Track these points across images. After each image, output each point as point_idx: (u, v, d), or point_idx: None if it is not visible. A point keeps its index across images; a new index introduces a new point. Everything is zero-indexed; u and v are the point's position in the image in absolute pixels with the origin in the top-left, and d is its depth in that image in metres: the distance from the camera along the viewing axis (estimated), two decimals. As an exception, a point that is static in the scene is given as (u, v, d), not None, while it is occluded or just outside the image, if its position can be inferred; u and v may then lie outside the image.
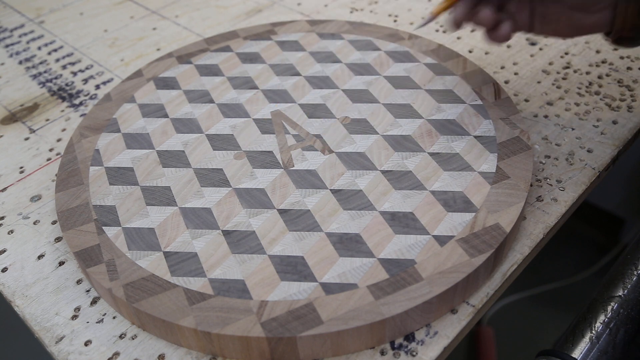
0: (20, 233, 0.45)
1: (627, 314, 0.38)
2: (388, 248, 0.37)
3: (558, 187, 0.44)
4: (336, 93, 0.51)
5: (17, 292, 0.40)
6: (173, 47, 0.65)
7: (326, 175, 0.43)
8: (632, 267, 0.41)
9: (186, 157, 0.45)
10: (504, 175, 0.41)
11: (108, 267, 0.38)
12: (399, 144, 0.45)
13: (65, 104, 0.58)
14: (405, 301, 0.34)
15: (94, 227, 0.40)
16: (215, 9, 0.72)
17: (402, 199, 0.40)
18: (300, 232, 0.39)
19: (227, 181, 0.43)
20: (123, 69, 0.62)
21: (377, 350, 0.35)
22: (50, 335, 0.37)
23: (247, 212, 0.40)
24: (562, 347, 0.38)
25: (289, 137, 0.47)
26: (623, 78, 0.54)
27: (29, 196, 0.48)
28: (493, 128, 0.45)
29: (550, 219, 0.42)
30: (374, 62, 0.54)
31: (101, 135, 0.49)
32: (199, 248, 0.38)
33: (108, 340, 0.37)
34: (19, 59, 0.66)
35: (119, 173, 0.45)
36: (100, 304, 0.39)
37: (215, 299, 0.35)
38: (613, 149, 0.47)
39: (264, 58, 0.56)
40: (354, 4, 0.69)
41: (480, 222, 0.38)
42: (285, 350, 0.34)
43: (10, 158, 0.52)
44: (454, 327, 0.36)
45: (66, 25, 0.71)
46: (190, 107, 0.51)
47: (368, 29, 0.59)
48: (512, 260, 0.39)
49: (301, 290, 0.35)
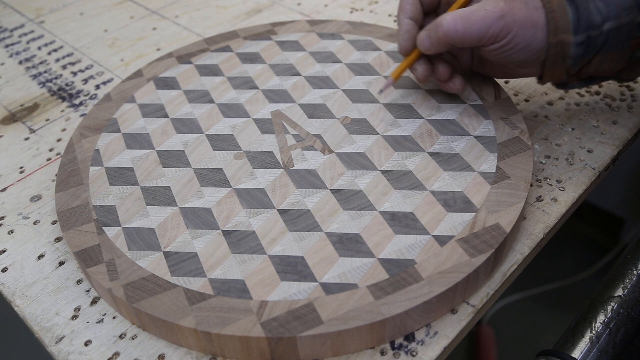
0: (20, 233, 0.45)
1: (627, 314, 0.38)
2: (388, 248, 0.37)
3: (558, 187, 0.44)
4: (336, 93, 0.51)
5: (17, 292, 0.40)
6: (173, 47, 0.65)
7: (326, 175, 0.43)
8: (632, 267, 0.41)
9: (186, 157, 0.45)
10: (504, 175, 0.41)
11: (108, 267, 0.38)
12: (399, 144, 0.45)
13: (65, 104, 0.58)
14: (405, 301, 0.34)
15: (94, 227, 0.41)
16: (215, 9, 0.72)
17: (402, 199, 0.40)
18: (300, 232, 0.39)
19: (227, 181, 0.43)
20: (123, 69, 0.62)
21: (377, 350, 0.35)
22: (50, 335, 0.37)
23: (247, 212, 0.40)
24: (562, 347, 0.38)
25: (289, 137, 0.47)
26: (623, 78, 0.54)
27: (29, 196, 0.48)
28: (493, 128, 0.45)
29: (550, 219, 0.42)
30: (374, 62, 0.54)
31: (101, 135, 0.49)
32: (199, 248, 0.38)
33: (108, 340, 0.37)
34: (19, 59, 0.66)
35: (119, 173, 0.45)
36: (100, 304, 0.39)
37: (215, 299, 0.35)
38: (613, 149, 0.47)
39: (264, 58, 0.56)
40: (354, 4, 0.69)
41: (480, 222, 0.38)
42: (285, 350, 0.34)
43: (10, 158, 0.52)
44: (454, 327, 0.36)
45: (66, 25, 0.71)
46: (190, 107, 0.51)
47: (368, 29, 0.59)
48: (512, 260, 0.39)
49: (301, 290, 0.35)
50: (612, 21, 0.40)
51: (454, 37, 0.41)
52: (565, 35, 0.41)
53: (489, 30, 0.41)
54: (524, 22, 0.41)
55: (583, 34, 0.41)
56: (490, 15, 0.40)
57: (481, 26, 0.40)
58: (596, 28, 0.40)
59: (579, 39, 0.41)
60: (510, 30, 0.41)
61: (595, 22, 0.40)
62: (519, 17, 0.40)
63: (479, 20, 0.40)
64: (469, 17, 0.41)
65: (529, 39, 0.41)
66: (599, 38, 0.41)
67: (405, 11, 0.45)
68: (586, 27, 0.40)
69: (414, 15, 0.45)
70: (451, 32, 0.41)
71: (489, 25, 0.40)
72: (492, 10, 0.40)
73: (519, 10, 0.41)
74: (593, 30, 0.41)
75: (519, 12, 0.41)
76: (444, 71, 0.45)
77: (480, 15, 0.41)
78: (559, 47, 0.41)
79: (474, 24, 0.41)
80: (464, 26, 0.41)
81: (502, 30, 0.41)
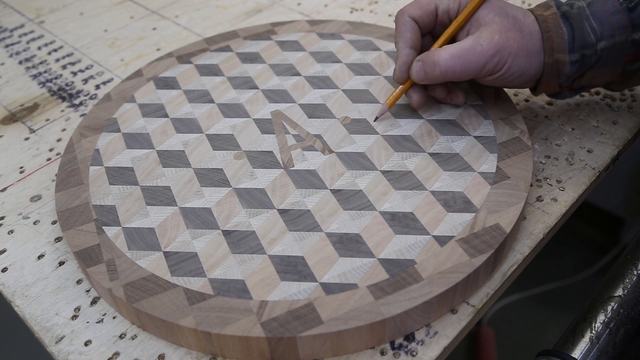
0: (20, 233, 0.45)
1: (627, 314, 0.38)
2: (388, 248, 0.37)
3: (558, 187, 0.44)
4: (336, 93, 0.51)
5: (17, 292, 0.40)
6: (173, 47, 0.65)
7: (326, 175, 0.43)
8: (632, 267, 0.41)
9: (186, 157, 0.45)
10: (504, 175, 0.41)
11: (108, 267, 0.38)
12: (399, 144, 0.45)
13: (65, 104, 0.58)
14: (405, 301, 0.34)
15: (94, 227, 0.41)
16: (215, 9, 0.72)
17: (402, 199, 0.40)
18: (300, 232, 0.39)
19: (227, 181, 0.43)
20: (123, 69, 0.62)
21: (377, 350, 0.35)
22: (50, 335, 0.37)
23: (247, 212, 0.40)
24: (562, 347, 0.38)
25: (289, 137, 0.47)
26: (623, 78, 0.54)
27: (29, 196, 0.48)
28: (493, 128, 0.45)
29: (550, 219, 0.42)
30: (374, 62, 0.54)
31: (101, 135, 0.49)
32: (199, 248, 0.38)
33: (108, 340, 0.37)
34: (19, 59, 0.66)
35: (119, 173, 0.45)
36: (100, 304, 0.39)
37: (215, 299, 0.35)
38: (613, 149, 0.47)
39: (264, 58, 0.56)
40: (354, 4, 0.69)
41: (480, 222, 0.38)
42: (285, 350, 0.34)
43: (10, 158, 0.52)
44: (454, 327, 0.36)
45: (66, 25, 0.71)
46: (190, 107, 0.51)
47: (368, 29, 0.59)
48: (512, 260, 0.39)
49: (301, 290, 0.35)
50: (606, 40, 0.41)
51: (452, 76, 0.42)
52: (561, 55, 0.41)
53: (485, 66, 0.41)
54: (519, 52, 0.41)
55: (578, 53, 0.41)
56: (486, 52, 0.41)
57: (477, 63, 0.41)
58: (591, 47, 0.41)
59: (573, 58, 0.41)
60: (505, 62, 0.41)
61: (589, 41, 0.41)
62: (514, 48, 0.41)
63: (475, 57, 0.41)
64: (466, 56, 0.41)
65: (524, 68, 0.42)
66: (593, 56, 0.42)
67: (406, 39, 0.45)
68: (581, 46, 0.41)
69: (414, 44, 0.45)
70: (449, 72, 0.42)
71: (485, 62, 0.41)
72: (487, 47, 0.41)
73: (514, 40, 0.41)
74: (587, 49, 0.41)
75: (513, 42, 0.41)
76: (441, 92, 0.46)
77: (477, 53, 0.41)
78: (555, 66, 0.42)
79: (470, 62, 0.41)
80: (461, 65, 0.41)
81: (498, 65, 0.41)
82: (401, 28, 0.45)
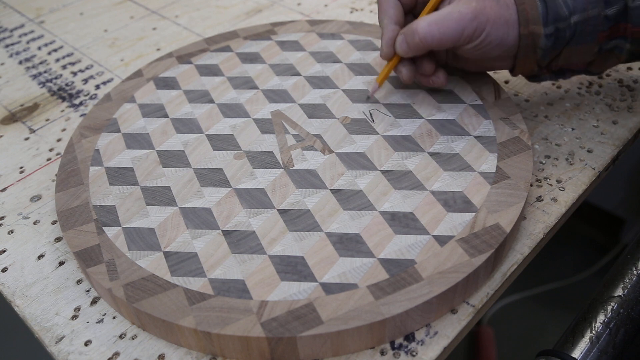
0: (20, 233, 0.45)
1: (627, 314, 0.38)
2: (388, 248, 0.37)
3: (558, 187, 0.44)
4: (336, 93, 0.51)
5: (17, 292, 0.40)
6: (173, 47, 0.65)
7: (326, 175, 0.43)
8: (632, 267, 0.41)
9: (186, 157, 0.45)
10: (504, 175, 0.41)
11: (108, 267, 0.38)
12: (399, 144, 0.45)
13: (65, 104, 0.58)
14: (405, 301, 0.34)
15: (94, 227, 0.41)
16: (215, 9, 0.72)
17: (402, 199, 0.40)
18: (300, 232, 0.39)
19: (227, 181, 0.43)
20: (123, 69, 0.62)
21: (377, 350, 0.35)
22: (50, 335, 0.37)
23: (247, 212, 0.40)
24: (562, 347, 0.38)
25: (289, 137, 0.47)
26: (623, 78, 0.54)
27: (29, 196, 0.48)
28: (493, 128, 0.45)
29: (550, 219, 0.42)
30: (374, 62, 0.54)
31: (101, 135, 0.49)
32: (199, 248, 0.38)
33: (108, 340, 0.37)
34: (19, 59, 0.66)
35: (119, 173, 0.45)
36: (100, 304, 0.39)
37: (215, 299, 0.35)
38: (613, 149, 0.47)
39: (264, 58, 0.56)
40: (354, 4, 0.69)
41: (480, 222, 0.38)
42: (285, 350, 0.34)
43: (10, 158, 0.52)
44: (454, 327, 0.36)
45: (66, 25, 0.71)
46: (190, 107, 0.51)
47: (368, 29, 0.59)
48: (512, 260, 0.39)
49: (301, 290, 0.35)
50: (579, 14, 0.42)
51: (431, 43, 0.43)
52: (535, 27, 0.42)
53: (464, 32, 0.42)
54: (497, 20, 0.42)
55: (552, 26, 0.42)
56: (463, 17, 0.42)
57: (456, 29, 0.42)
58: (564, 20, 0.42)
59: (548, 31, 0.42)
60: (483, 29, 0.42)
61: (562, 14, 0.42)
62: (491, 15, 0.42)
63: (453, 24, 0.42)
64: (444, 22, 0.42)
65: (502, 36, 0.42)
66: (567, 30, 0.42)
67: (390, 16, 0.46)
68: (554, 19, 0.42)
69: (398, 20, 0.46)
70: (428, 38, 0.42)
71: (463, 28, 0.42)
72: (464, 12, 0.42)
73: (491, 8, 0.42)
74: (561, 22, 0.42)
75: (490, 10, 0.42)
76: (429, 66, 0.47)
77: (454, 19, 0.42)
78: (530, 39, 0.43)
79: (448, 28, 0.42)
80: (439, 31, 0.42)
81: (476, 30, 0.42)
82: (384, 5, 0.46)
